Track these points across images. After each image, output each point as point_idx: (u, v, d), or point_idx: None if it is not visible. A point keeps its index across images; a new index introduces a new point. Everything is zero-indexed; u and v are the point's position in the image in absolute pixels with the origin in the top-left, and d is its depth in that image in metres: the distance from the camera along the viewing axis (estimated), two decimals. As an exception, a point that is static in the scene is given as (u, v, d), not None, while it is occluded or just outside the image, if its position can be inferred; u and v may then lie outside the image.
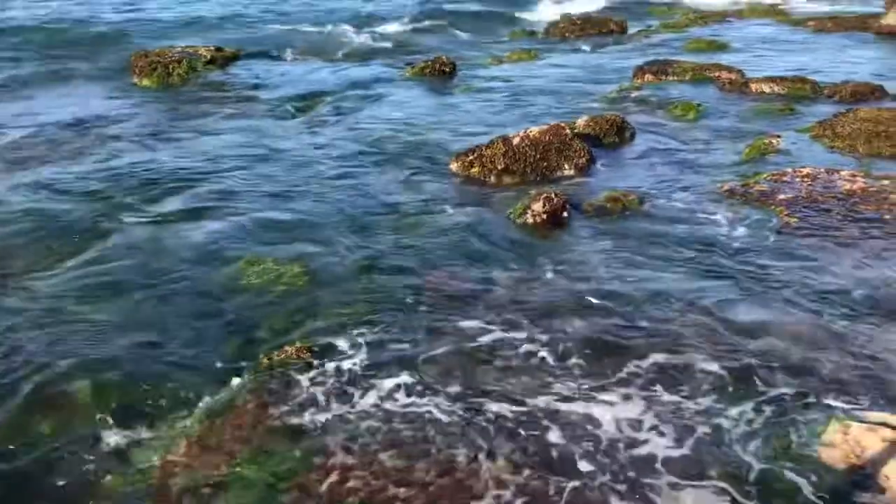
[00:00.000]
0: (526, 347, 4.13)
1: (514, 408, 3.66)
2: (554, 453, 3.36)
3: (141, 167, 6.94)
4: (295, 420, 3.60)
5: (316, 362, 4.00)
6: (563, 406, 3.66)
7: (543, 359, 4.03)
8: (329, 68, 11.29)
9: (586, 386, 3.80)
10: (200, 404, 3.74)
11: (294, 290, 4.76)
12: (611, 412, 3.60)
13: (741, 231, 5.43)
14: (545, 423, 3.55)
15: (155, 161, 7.12)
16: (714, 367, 3.91)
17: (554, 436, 3.47)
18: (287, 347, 4.09)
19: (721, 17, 15.35)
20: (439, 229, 5.61)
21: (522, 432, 3.50)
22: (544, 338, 4.21)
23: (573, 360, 4.00)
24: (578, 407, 3.65)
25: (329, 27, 14.57)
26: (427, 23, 14.44)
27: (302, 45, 12.95)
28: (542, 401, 3.70)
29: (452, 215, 5.88)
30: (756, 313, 4.37)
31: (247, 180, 6.67)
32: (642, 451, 3.36)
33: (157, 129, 8.19)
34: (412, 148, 7.48)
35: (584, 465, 3.27)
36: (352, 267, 5.03)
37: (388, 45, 13.13)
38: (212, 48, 11.60)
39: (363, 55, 12.39)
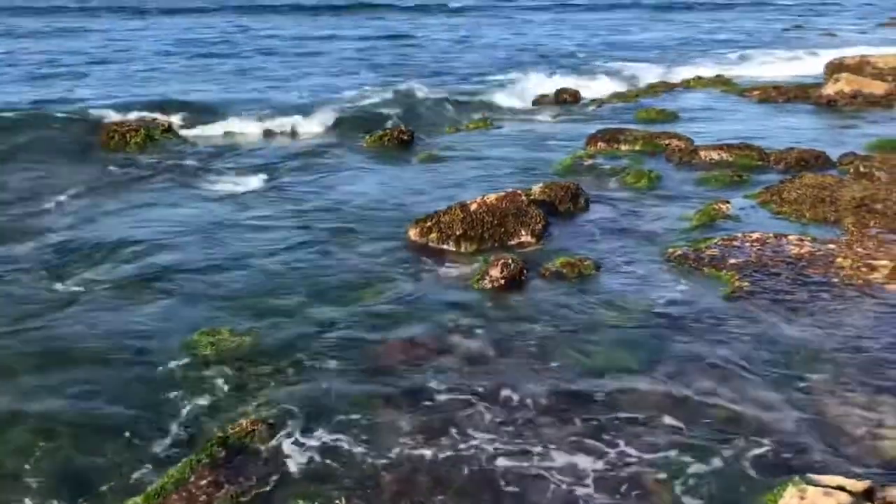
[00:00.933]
0: (483, 411, 4.11)
1: (471, 468, 3.63)
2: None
3: (92, 235, 6.87)
4: (250, 498, 3.51)
5: (272, 436, 3.93)
6: (518, 464, 3.64)
7: (500, 422, 4.01)
8: (287, 137, 11.39)
9: (540, 448, 3.79)
10: (150, 483, 3.62)
11: (250, 362, 4.69)
12: (565, 470, 3.59)
13: (693, 296, 5.52)
14: (500, 482, 3.53)
15: (107, 229, 7.06)
16: (668, 430, 3.93)
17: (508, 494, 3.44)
18: (242, 421, 4.01)
19: (670, 87, 15.88)
20: (397, 296, 5.62)
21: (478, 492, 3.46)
22: (501, 401, 4.20)
23: (529, 423, 3.99)
24: (534, 468, 3.63)
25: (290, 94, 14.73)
26: (388, 94, 14.66)
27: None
28: (499, 462, 3.68)
29: (410, 282, 5.90)
30: (710, 377, 4.42)
31: (202, 250, 6.62)
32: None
33: (111, 198, 8.14)
34: (370, 216, 7.52)
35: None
36: (308, 337, 4.99)
37: (347, 115, 13.26)
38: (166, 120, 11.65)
39: (322, 125, 12.51)
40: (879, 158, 9.06)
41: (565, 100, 14.87)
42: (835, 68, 17.04)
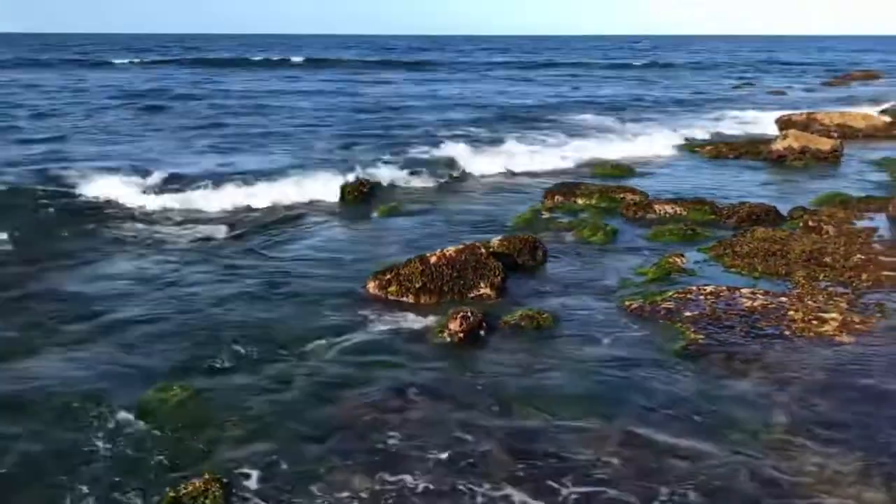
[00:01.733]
0: (441, 468, 4.07)
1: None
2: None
3: (46, 295, 6.76)
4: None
5: (226, 496, 3.84)
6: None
7: (458, 479, 3.97)
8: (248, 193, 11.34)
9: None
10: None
11: (203, 419, 4.61)
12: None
13: (648, 348, 5.58)
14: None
15: (58, 288, 6.95)
16: (620, 486, 3.93)
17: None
18: (195, 480, 3.91)
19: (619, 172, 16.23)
20: (355, 352, 5.58)
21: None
22: (459, 457, 4.16)
23: (488, 477, 3.96)
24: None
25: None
26: (350, 149, 14.75)
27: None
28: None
29: (368, 336, 5.87)
30: (665, 433, 4.44)
31: (158, 305, 6.54)
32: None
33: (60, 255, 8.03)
34: (329, 270, 7.52)
35: None
36: (265, 392, 4.92)
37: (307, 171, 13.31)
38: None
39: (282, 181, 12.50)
40: (827, 212, 9.36)
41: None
42: (783, 125, 17.66)
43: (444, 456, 4.20)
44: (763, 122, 19.18)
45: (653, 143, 15.59)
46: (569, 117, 20.46)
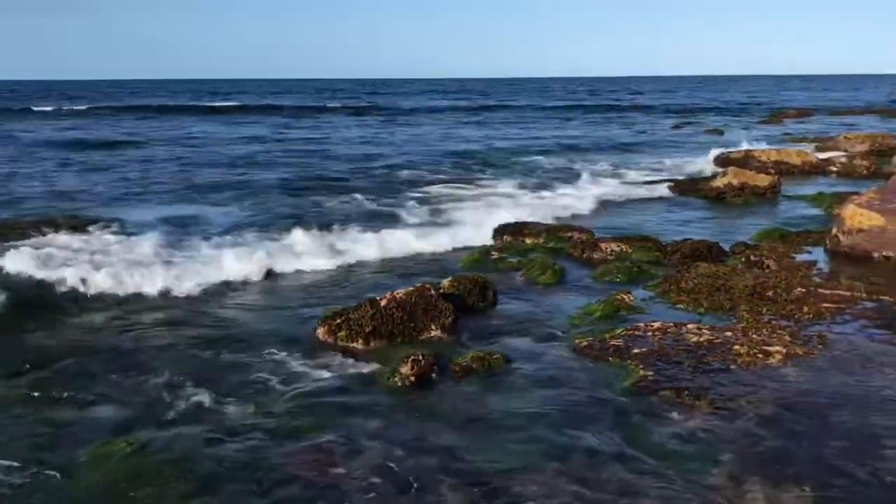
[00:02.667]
0: (396, 520, 3.99)
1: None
2: None
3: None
4: None
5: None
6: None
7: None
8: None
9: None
10: None
11: (149, 475, 4.45)
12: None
13: (599, 387, 5.60)
14: None
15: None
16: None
17: None
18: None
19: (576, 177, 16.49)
20: (306, 400, 5.48)
21: None
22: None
23: (445, 531, 3.89)
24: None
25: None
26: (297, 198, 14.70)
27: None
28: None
29: (319, 384, 5.78)
30: (618, 473, 4.43)
31: (108, 361, 6.36)
32: None
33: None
34: (276, 316, 7.41)
35: None
36: (212, 447, 4.78)
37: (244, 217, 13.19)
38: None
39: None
40: (768, 247, 9.60)
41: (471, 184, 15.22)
42: (722, 162, 18.17)
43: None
44: (702, 161, 19.68)
45: (596, 186, 15.80)
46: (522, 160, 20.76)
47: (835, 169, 17.98)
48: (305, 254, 9.70)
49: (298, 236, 10.32)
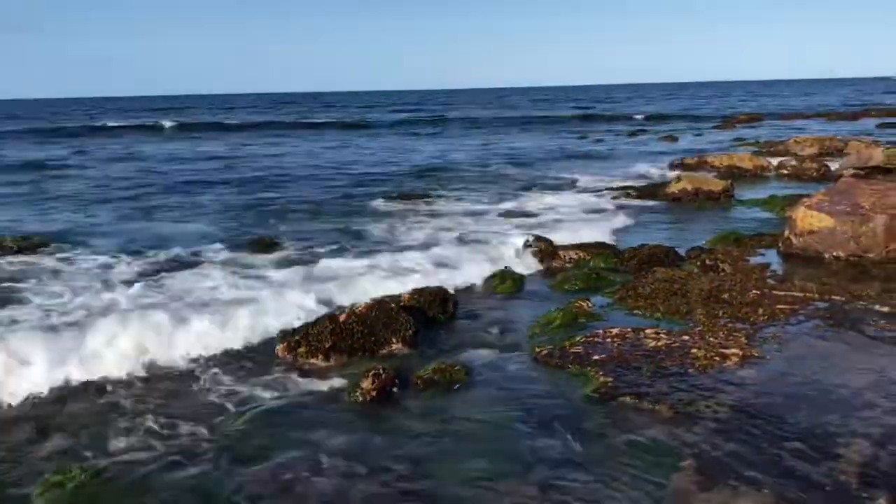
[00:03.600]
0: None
1: None
2: None
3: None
4: None
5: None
6: None
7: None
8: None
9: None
10: None
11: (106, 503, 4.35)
12: None
13: (559, 395, 5.61)
14: None
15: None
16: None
17: None
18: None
19: (526, 188, 16.60)
20: (265, 419, 5.41)
21: None
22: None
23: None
24: None
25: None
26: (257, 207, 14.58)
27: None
28: None
29: (279, 402, 5.71)
30: (580, 482, 4.45)
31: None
32: None
33: None
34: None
35: None
36: (168, 472, 4.69)
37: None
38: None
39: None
40: (722, 251, 9.75)
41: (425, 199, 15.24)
42: (676, 167, 18.43)
43: (359, 522, 4.07)
44: (657, 167, 19.95)
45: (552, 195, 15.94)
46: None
47: (785, 172, 18.35)
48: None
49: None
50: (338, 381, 6.04)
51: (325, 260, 9.92)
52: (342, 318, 6.98)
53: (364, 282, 8.79)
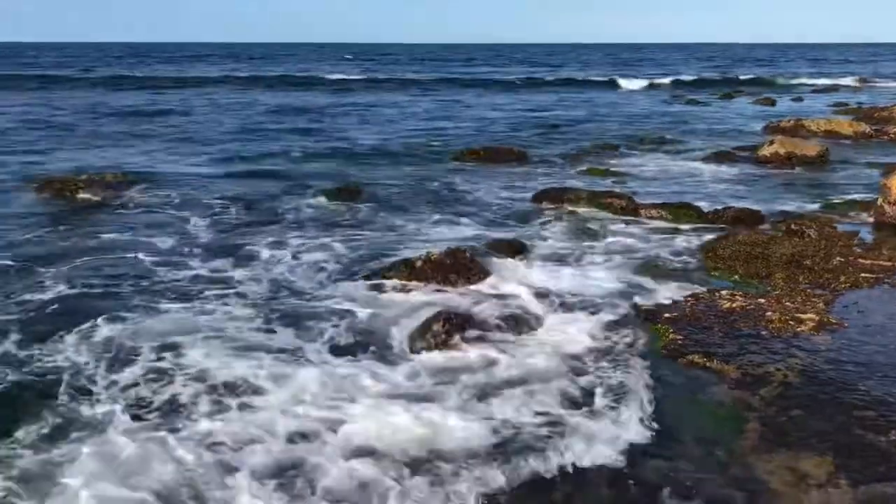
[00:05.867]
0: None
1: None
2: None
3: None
4: None
5: None
6: None
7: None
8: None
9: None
10: None
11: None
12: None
13: (629, 352, 5.64)
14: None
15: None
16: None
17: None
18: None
19: (615, 149, 16.34)
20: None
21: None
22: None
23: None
24: None
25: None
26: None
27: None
28: None
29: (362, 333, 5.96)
30: (647, 433, 4.52)
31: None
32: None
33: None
34: (317, 265, 7.60)
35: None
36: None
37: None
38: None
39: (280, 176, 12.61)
40: (809, 216, 9.47)
41: (514, 158, 15.19)
42: (771, 131, 17.82)
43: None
44: (752, 130, 19.31)
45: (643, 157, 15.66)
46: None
47: (887, 139, 17.50)
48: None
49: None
50: (410, 323, 6.21)
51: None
52: (418, 264, 7.18)
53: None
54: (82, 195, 10.90)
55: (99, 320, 6.11)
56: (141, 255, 8.04)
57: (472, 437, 4.44)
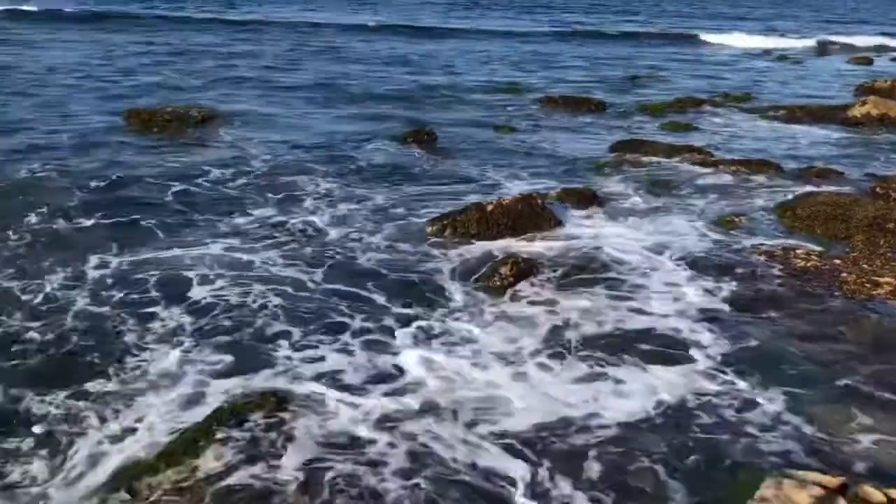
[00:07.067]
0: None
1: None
2: None
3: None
4: None
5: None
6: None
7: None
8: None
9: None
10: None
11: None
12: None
13: (698, 304, 5.66)
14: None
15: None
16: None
17: None
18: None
19: (697, 104, 15.91)
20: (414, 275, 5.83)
21: None
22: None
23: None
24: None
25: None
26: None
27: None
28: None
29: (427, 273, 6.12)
30: (713, 382, 4.56)
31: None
32: None
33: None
34: (385, 209, 7.76)
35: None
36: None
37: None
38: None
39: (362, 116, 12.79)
40: (897, 180, 9.12)
41: (592, 108, 14.99)
42: (864, 91, 17.06)
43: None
44: (844, 89, 18.49)
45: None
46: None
47: None
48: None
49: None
50: (479, 266, 6.33)
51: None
52: (489, 208, 7.25)
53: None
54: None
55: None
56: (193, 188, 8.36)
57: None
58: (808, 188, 8.79)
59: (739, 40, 37.27)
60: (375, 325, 5.22)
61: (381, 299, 5.64)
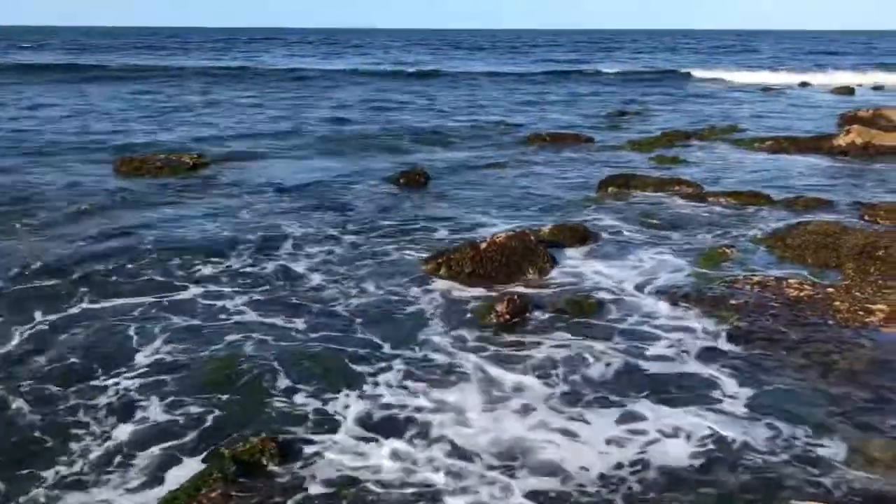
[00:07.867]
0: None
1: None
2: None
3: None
4: None
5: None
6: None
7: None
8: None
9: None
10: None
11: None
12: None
13: (695, 337, 5.65)
14: None
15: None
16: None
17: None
18: None
19: (684, 138, 16.09)
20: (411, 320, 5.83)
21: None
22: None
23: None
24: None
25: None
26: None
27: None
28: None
29: (420, 312, 6.12)
30: (702, 419, 4.56)
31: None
32: None
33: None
34: (382, 250, 7.78)
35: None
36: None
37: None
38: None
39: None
40: (885, 207, 9.23)
41: (582, 142, 15.14)
42: (847, 120, 17.30)
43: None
44: (826, 119, 18.73)
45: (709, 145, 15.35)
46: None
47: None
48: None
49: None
50: (474, 304, 6.34)
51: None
52: (483, 246, 7.27)
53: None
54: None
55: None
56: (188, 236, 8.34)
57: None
58: (798, 218, 8.87)
59: (724, 74, 37.91)
60: (370, 369, 5.20)
61: (375, 339, 5.63)
